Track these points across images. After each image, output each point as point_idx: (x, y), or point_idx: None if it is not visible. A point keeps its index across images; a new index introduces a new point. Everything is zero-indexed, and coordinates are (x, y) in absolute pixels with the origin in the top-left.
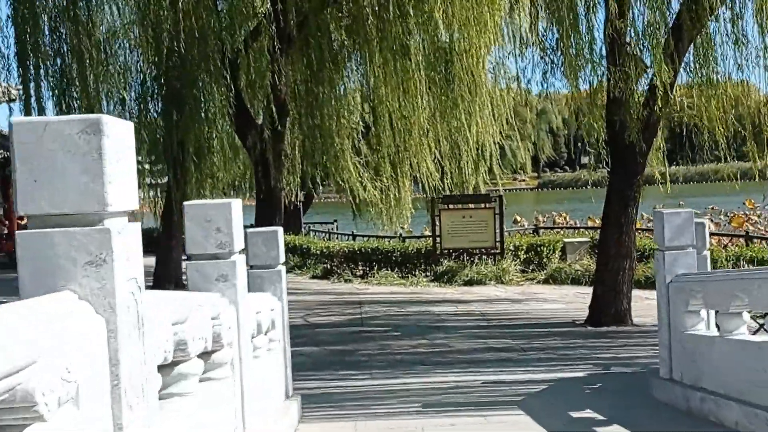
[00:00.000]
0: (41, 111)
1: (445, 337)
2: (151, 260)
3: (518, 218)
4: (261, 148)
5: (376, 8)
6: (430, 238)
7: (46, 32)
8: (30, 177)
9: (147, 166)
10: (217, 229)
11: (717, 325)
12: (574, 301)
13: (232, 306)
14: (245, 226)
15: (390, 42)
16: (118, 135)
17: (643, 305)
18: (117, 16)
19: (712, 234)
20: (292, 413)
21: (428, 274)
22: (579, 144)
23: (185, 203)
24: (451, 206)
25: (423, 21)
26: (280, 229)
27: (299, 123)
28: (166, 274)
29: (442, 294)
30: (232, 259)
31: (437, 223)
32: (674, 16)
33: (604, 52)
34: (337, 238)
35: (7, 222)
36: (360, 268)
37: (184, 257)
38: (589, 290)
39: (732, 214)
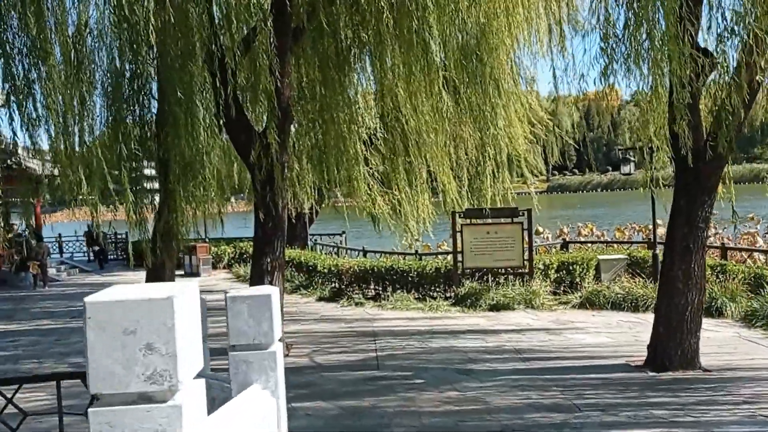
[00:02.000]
0: None
1: (478, 387)
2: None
3: (540, 229)
4: (266, 162)
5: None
6: (449, 255)
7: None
8: None
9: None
10: (148, 346)
11: None
12: (619, 332)
13: None
14: (242, 239)
15: (407, 38)
16: None
17: (703, 339)
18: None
19: (755, 250)
20: None
21: (448, 296)
22: (626, 151)
23: (85, 300)
24: (473, 221)
25: (446, 14)
26: (275, 291)
27: (305, 129)
28: None
29: (467, 322)
30: (174, 402)
31: (458, 239)
32: None
33: (683, 42)
34: (346, 253)
35: None
36: (372, 288)
37: (180, 272)
38: (634, 318)
39: None
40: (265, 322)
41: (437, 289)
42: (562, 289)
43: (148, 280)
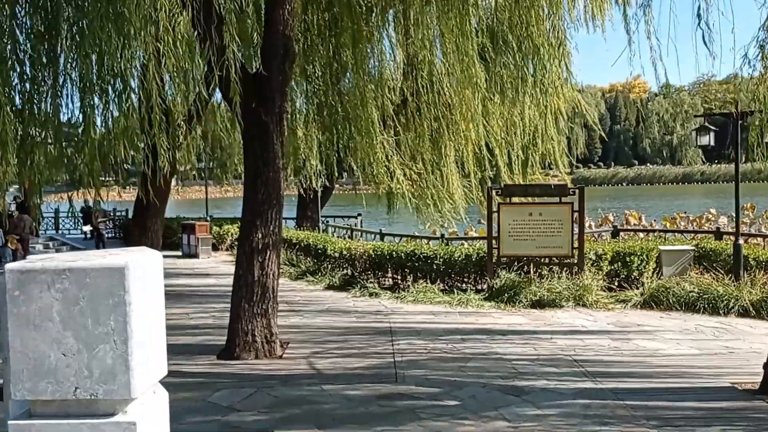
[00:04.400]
0: None
1: (536, 416)
2: None
3: None
4: (257, 107)
5: None
6: (481, 241)
7: None
8: None
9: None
10: None
11: None
12: (703, 341)
13: None
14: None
15: None
16: None
17: None
18: None
19: None
20: None
21: (480, 289)
22: (706, 119)
23: None
24: (513, 200)
25: None
26: (152, 259)
27: (313, 87)
28: None
29: (505, 321)
30: None
31: (494, 222)
32: None
33: None
34: (361, 236)
35: None
36: (390, 277)
37: (177, 253)
38: (715, 322)
39: None
40: (111, 339)
41: (467, 280)
42: (616, 283)
43: None
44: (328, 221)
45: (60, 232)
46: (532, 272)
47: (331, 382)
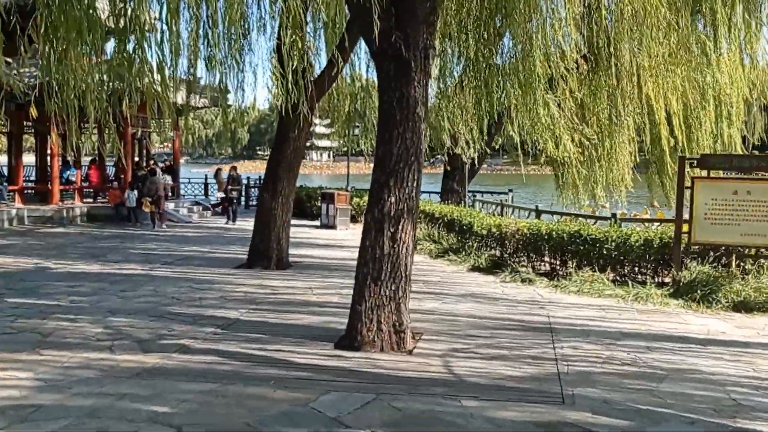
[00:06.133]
0: None
1: None
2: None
3: None
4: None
5: None
6: (662, 225)
7: None
8: None
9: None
10: None
11: None
12: None
13: None
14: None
15: None
16: None
17: None
18: None
19: None
20: None
21: (663, 282)
22: None
23: None
24: (712, 174)
25: None
26: None
27: (465, 33)
28: (263, 249)
29: (700, 325)
30: None
31: (687, 199)
32: None
33: None
34: (512, 213)
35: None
36: (547, 261)
37: (315, 224)
38: None
39: None
40: None
41: (645, 271)
42: None
43: (256, 231)
44: (475, 196)
45: (208, 197)
46: (733, 265)
47: (472, 395)
